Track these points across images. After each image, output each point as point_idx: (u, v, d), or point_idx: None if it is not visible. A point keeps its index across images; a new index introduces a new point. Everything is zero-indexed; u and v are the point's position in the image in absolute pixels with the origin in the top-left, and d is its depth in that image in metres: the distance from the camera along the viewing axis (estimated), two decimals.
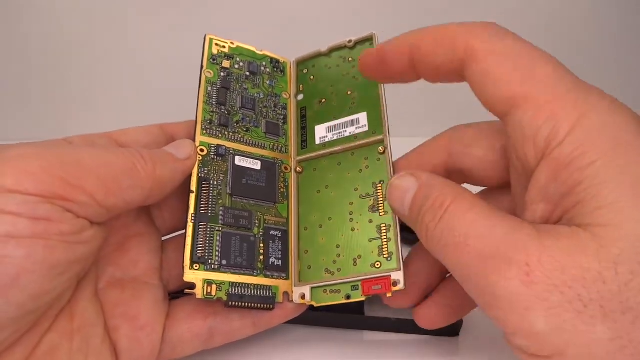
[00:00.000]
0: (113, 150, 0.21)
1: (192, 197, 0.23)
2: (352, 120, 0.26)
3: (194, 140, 0.24)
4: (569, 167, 0.17)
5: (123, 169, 0.20)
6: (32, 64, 0.50)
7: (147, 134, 0.25)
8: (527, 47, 0.19)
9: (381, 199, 0.24)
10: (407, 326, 0.27)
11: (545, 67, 0.19)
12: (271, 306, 0.23)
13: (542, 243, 0.16)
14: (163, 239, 0.26)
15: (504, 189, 0.23)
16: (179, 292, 0.24)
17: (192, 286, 0.22)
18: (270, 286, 0.23)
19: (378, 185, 0.24)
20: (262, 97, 0.28)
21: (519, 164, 0.19)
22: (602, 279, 0.15)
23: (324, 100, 0.28)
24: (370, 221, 0.24)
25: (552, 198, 0.18)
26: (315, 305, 0.23)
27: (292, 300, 0.24)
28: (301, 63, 0.29)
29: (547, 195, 0.18)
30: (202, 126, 0.25)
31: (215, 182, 0.24)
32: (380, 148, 0.25)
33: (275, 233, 0.25)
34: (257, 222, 0.24)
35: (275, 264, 0.24)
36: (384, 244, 0.23)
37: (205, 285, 0.22)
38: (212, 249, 0.23)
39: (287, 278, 0.24)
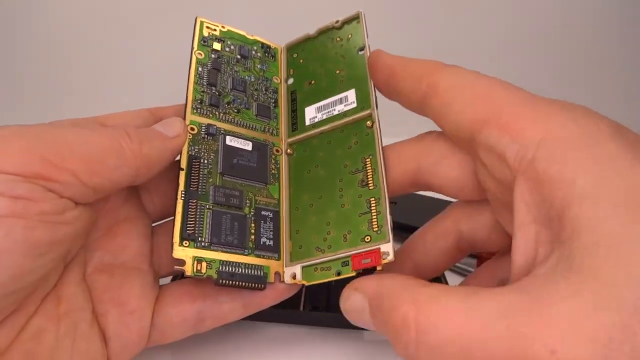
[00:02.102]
0: (98, 129, 0.21)
1: (182, 174, 0.23)
2: (341, 98, 0.26)
3: (184, 119, 0.24)
4: (551, 185, 0.16)
5: (108, 148, 0.20)
6: (27, 64, 0.49)
7: (136, 117, 0.24)
8: (484, 78, 0.20)
9: (370, 173, 0.23)
10: None
11: (502, 91, 0.19)
12: (263, 286, 0.22)
13: (550, 317, 0.14)
14: (154, 224, 0.26)
15: (480, 203, 0.22)
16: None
17: (181, 263, 0.21)
18: (261, 266, 0.23)
19: (367, 160, 0.24)
20: (253, 80, 0.27)
21: (496, 185, 0.19)
22: (632, 331, 0.13)
23: (313, 82, 0.27)
24: (360, 196, 0.23)
25: (542, 220, 0.16)
26: (306, 284, 0.23)
27: (284, 281, 0.23)
28: (291, 48, 0.29)
29: (537, 216, 0.16)
30: (192, 105, 0.25)
31: (206, 161, 0.24)
32: (368, 123, 0.24)
33: (267, 214, 0.24)
34: (248, 201, 0.24)
35: (267, 244, 0.24)
36: (373, 217, 0.22)
37: (195, 262, 0.21)
38: (202, 227, 0.22)
39: (278, 259, 0.24)
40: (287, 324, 0.31)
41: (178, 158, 0.23)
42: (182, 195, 0.22)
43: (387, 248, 0.21)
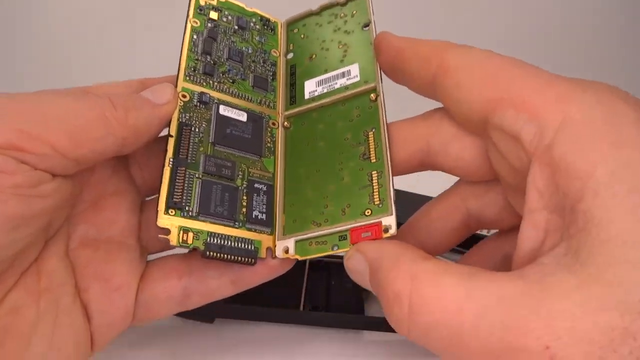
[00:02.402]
0: (80, 97, 0.19)
1: (171, 141, 0.22)
2: (343, 72, 0.25)
3: (175, 86, 0.23)
4: (567, 174, 0.15)
5: (91, 118, 0.19)
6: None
7: (124, 87, 0.23)
8: (498, 56, 0.19)
9: (372, 146, 0.22)
10: None
11: (518, 69, 0.18)
12: (253, 260, 0.21)
13: (549, 312, 0.13)
14: (148, 198, 0.25)
15: (490, 181, 0.21)
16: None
17: (165, 232, 0.20)
18: (252, 240, 0.22)
19: (369, 133, 0.22)
20: (250, 51, 0.26)
21: (509, 169, 0.18)
22: (632, 335, 0.13)
23: (314, 56, 0.26)
24: (361, 169, 0.22)
25: (554, 208, 0.15)
26: (300, 258, 0.21)
27: (276, 257, 0.22)
28: (291, 23, 0.28)
29: (549, 203, 0.16)
30: (185, 72, 0.24)
31: (197, 129, 0.23)
32: (372, 95, 0.23)
33: (260, 187, 0.23)
34: (240, 173, 0.23)
35: (259, 217, 0.22)
36: (375, 190, 0.21)
37: (181, 232, 0.20)
38: (190, 196, 0.21)
39: (271, 234, 0.22)
40: (287, 324, 0.30)
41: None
42: (170, 162, 0.21)
43: (390, 221, 0.20)
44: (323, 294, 0.31)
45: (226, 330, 0.30)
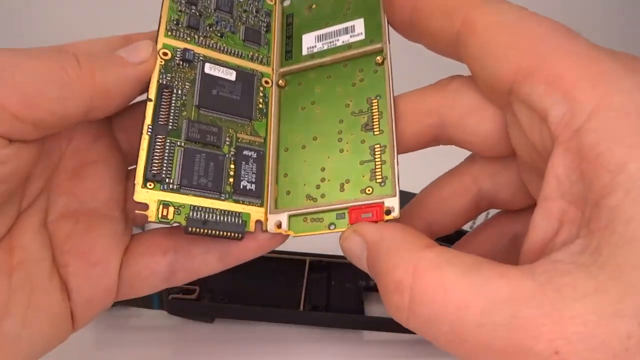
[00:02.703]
0: (38, 54, 0.17)
1: (150, 105, 0.20)
2: (347, 28, 0.22)
3: (155, 43, 0.21)
4: (595, 165, 0.13)
5: (48, 75, 0.17)
6: None
7: (106, 45, 0.21)
8: (534, 16, 0.16)
9: (376, 116, 0.20)
10: None
11: (556, 36, 0.15)
12: (240, 235, 0.20)
13: (562, 315, 0.12)
14: (131, 168, 0.23)
15: (505, 158, 0.19)
16: None
17: (143, 208, 0.18)
18: (239, 213, 0.20)
19: (373, 101, 0.20)
20: (241, 0, 0.24)
21: (529, 148, 0.16)
22: None
23: (314, 6, 0.23)
24: (363, 141, 0.20)
25: (573, 198, 0.14)
26: (293, 235, 0.20)
27: (266, 230, 0.20)
28: None
29: (568, 193, 0.14)
30: (166, 26, 0.21)
31: (180, 92, 0.21)
32: (378, 58, 0.21)
33: (250, 153, 0.21)
34: (228, 139, 0.21)
35: (248, 187, 0.20)
36: (377, 167, 0.19)
37: (161, 207, 0.19)
38: (171, 167, 0.19)
39: (261, 205, 0.21)
40: (287, 324, 0.31)
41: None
42: (149, 130, 0.19)
43: (392, 203, 0.18)
44: (323, 294, 0.32)
45: (226, 330, 0.30)
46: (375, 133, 0.20)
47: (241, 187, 0.20)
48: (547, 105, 0.15)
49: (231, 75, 0.22)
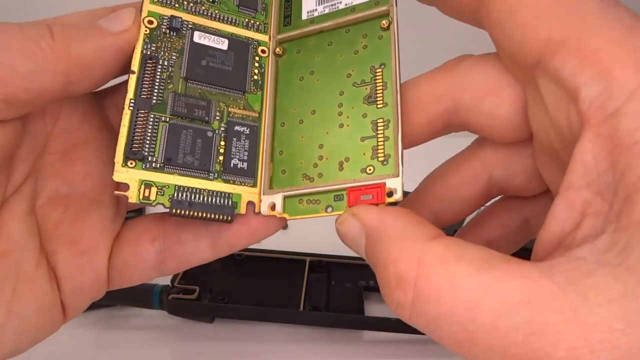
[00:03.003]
0: (6, 27, 0.16)
1: (132, 78, 0.18)
2: None
3: (141, 11, 0.19)
4: (630, 154, 0.12)
5: (18, 49, 0.16)
6: None
7: (92, 17, 0.20)
8: None
9: (380, 87, 0.18)
10: (407, 326, 0.23)
11: (594, 4, 0.14)
12: (229, 217, 0.18)
13: (585, 321, 0.11)
14: None
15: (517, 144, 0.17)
16: None
17: (124, 188, 0.17)
18: (229, 193, 0.19)
19: (377, 70, 0.18)
20: None
21: (551, 131, 0.14)
22: None
23: None
24: (365, 115, 0.18)
25: (600, 189, 0.13)
26: (288, 218, 0.18)
27: (259, 212, 0.19)
28: None
29: (595, 182, 0.13)
30: None
31: (166, 63, 0.19)
32: (383, 22, 0.19)
33: (242, 129, 0.19)
34: (218, 114, 0.19)
35: (239, 166, 0.19)
36: (379, 144, 0.17)
37: (143, 187, 0.17)
38: (154, 144, 0.18)
39: (254, 185, 0.19)
40: (287, 324, 0.31)
41: None
42: (131, 104, 0.18)
43: (395, 184, 0.17)
44: (323, 294, 0.32)
45: (226, 330, 0.30)
46: (379, 106, 0.18)
47: (232, 165, 0.19)
48: (579, 82, 0.13)
49: (223, 44, 0.20)
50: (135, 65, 0.18)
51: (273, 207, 0.19)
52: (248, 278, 0.32)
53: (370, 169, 0.17)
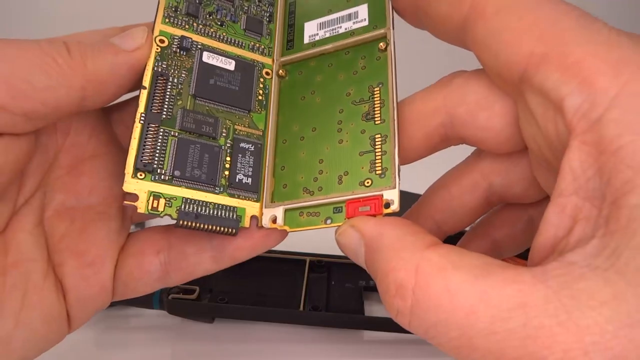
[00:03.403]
0: (25, 43, 0.17)
1: (144, 93, 0.19)
2: (350, 14, 0.21)
3: (152, 30, 0.20)
4: (615, 160, 0.12)
5: (36, 64, 0.16)
6: None
7: (103, 37, 0.20)
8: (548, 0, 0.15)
9: (378, 105, 0.19)
10: None
11: (572, 20, 0.14)
12: (234, 230, 0.19)
13: (578, 324, 0.12)
14: None
15: (514, 153, 0.18)
16: None
17: (133, 198, 0.18)
18: (234, 207, 0.19)
19: (375, 89, 0.19)
20: None
21: (542, 141, 0.15)
22: None
23: None
24: (363, 131, 0.19)
25: (589, 195, 0.13)
26: (289, 230, 0.19)
27: (262, 226, 0.19)
28: None
29: (583, 188, 0.13)
30: (164, 13, 0.21)
31: (175, 80, 0.20)
32: (381, 44, 0.20)
33: (247, 146, 0.20)
34: (224, 131, 0.20)
35: (244, 181, 0.20)
36: (377, 158, 0.18)
37: (151, 198, 0.18)
38: (163, 157, 0.19)
39: (257, 200, 0.20)
40: (287, 324, 0.31)
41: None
42: (142, 118, 0.19)
43: (392, 195, 0.17)
44: (323, 294, 0.31)
45: (226, 330, 0.30)
46: (377, 122, 0.19)
47: (237, 180, 0.19)
48: (562, 93, 0.14)
49: (230, 65, 0.21)
50: (146, 81, 0.19)
51: (274, 220, 0.19)
52: (248, 278, 0.32)
53: (368, 182, 0.18)
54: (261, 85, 0.22)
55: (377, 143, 0.18)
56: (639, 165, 0.12)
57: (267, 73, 0.22)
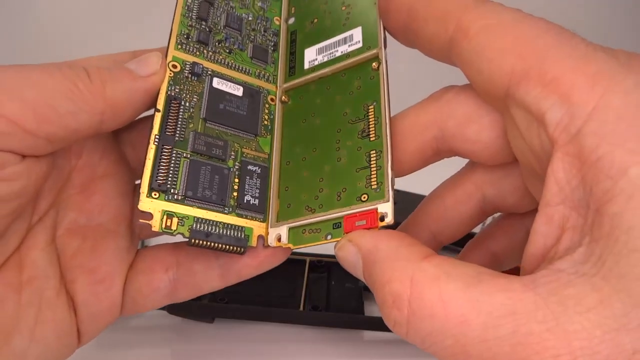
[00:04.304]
0: (49, 69, 0.17)
1: (158, 116, 0.20)
2: (345, 38, 0.22)
3: (166, 55, 0.21)
4: (595, 170, 0.13)
5: (59, 90, 0.17)
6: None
7: (113, 61, 0.21)
8: (528, 18, 0.16)
9: (372, 122, 0.20)
10: None
11: (551, 37, 0.15)
12: (242, 249, 0.20)
13: (566, 329, 0.12)
14: (138, 182, 0.23)
15: (506, 164, 0.19)
16: None
17: (147, 217, 0.18)
18: (242, 227, 0.20)
19: (370, 107, 0.20)
20: (250, 18, 0.24)
21: (529, 153, 0.16)
22: None
23: (315, 20, 0.24)
24: (359, 148, 0.20)
25: (574, 204, 0.14)
26: (293, 247, 0.20)
27: (268, 245, 0.20)
28: None
29: (569, 198, 0.14)
30: (177, 40, 0.21)
31: (188, 104, 0.21)
32: (374, 64, 0.21)
33: (254, 169, 0.21)
34: (233, 154, 0.21)
35: (252, 202, 0.21)
36: (372, 173, 0.19)
37: (165, 217, 0.19)
38: (176, 177, 0.19)
39: (263, 220, 0.21)
40: (287, 324, 0.30)
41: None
42: (156, 140, 0.19)
43: (386, 208, 0.18)
44: (323, 294, 0.31)
45: (226, 330, 0.30)
46: (372, 139, 0.20)
47: (245, 201, 0.20)
48: (544, 108, 0.14)
49: (238, 91, 0.22)
50: (160, 105, 0.20)
51: (279, 239, 0.20)
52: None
53: (364, 197, 0.19)
54: (267, 111, 0.23)
55: (372, 159, 0.19)
56: (617, 174, 0.12)
57: (272, 99, 0.23)
